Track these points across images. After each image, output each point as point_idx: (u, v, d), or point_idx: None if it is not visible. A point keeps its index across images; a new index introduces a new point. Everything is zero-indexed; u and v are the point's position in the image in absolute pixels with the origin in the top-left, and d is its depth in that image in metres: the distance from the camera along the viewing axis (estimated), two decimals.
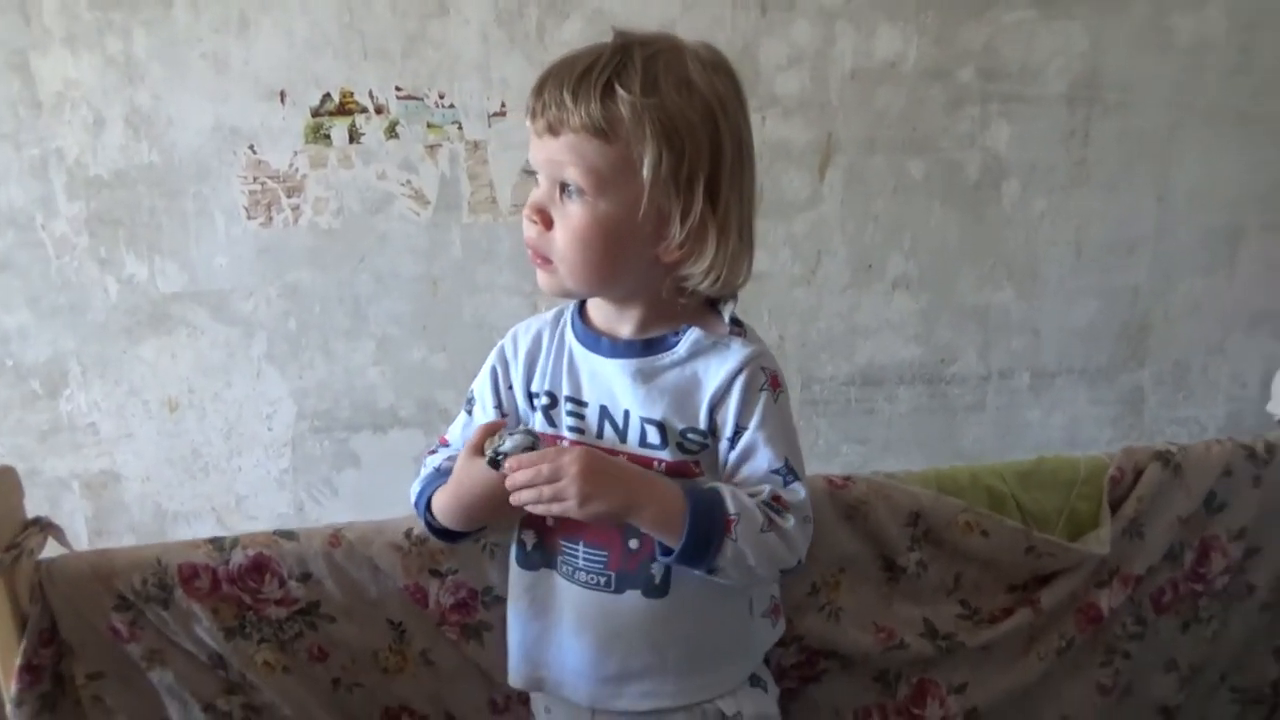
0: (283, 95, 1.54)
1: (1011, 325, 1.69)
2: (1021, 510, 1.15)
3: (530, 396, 0.97)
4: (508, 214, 1.59)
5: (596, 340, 0.94)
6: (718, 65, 0.88)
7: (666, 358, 0.91)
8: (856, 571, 1.14)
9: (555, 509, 0.87)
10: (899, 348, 1.68)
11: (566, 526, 0.94)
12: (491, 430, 0.92)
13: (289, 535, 1.04)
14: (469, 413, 1.02)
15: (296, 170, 1.56)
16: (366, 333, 1.62)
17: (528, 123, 0.88)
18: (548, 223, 0.88)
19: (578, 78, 0.84)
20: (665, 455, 0.91)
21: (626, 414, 0.92)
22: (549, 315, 0.99)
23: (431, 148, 1.57)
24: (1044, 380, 1.71)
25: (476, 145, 1.57)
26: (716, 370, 0.90)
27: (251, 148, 1.55)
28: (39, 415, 1.61)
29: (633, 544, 0.92)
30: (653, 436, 0.91)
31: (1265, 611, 1.27)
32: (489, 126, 1.56)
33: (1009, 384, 1.70)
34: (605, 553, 0.93)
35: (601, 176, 0.85)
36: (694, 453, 0.92)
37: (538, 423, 0.96)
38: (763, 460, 0.90)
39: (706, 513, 0.87)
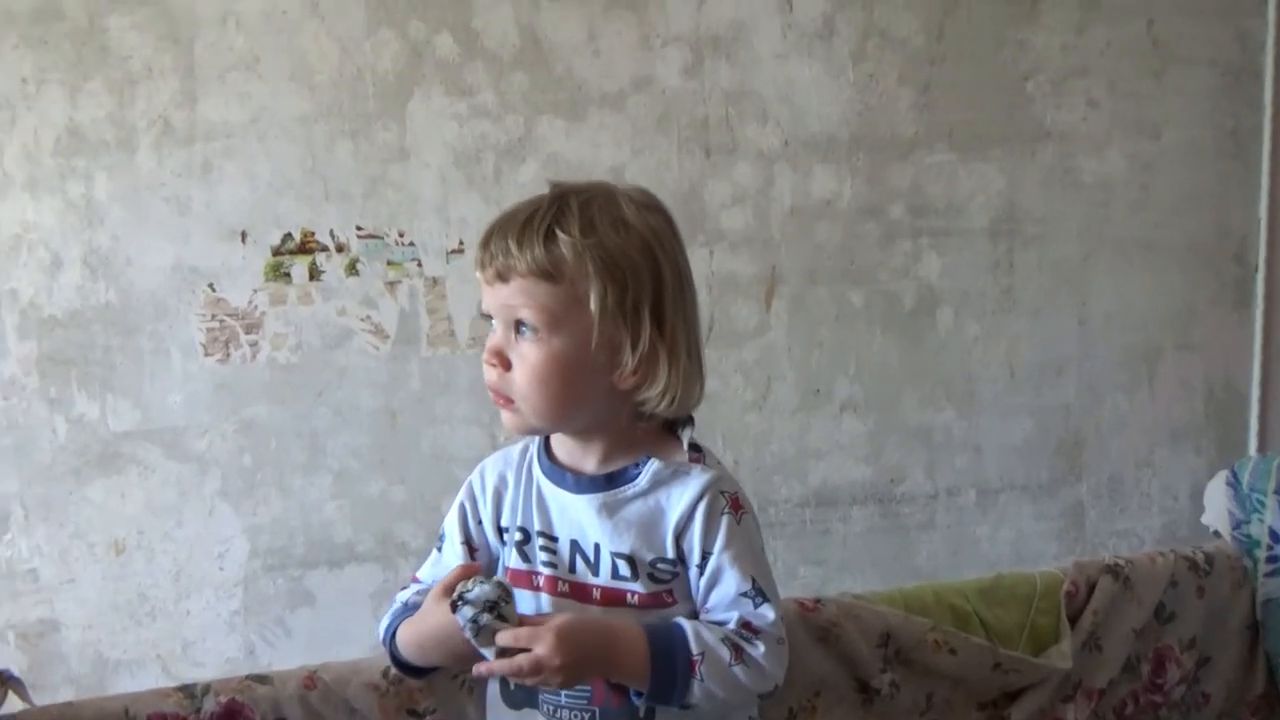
0: (244, 235, 1.56)
1: (954, 444, 1.76)
2: (985, 627, 1.19)
3: (500, 531, 0.99)
4: (465, 347, 1.62)
5: (562, 475, 0.97)
6: (649, 205, 0.95)
7: (629, 490, 0.94)
8: (832, 694, 1.16)
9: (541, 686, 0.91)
10: (850, 469, 1.73)
11: None
12: (466, 574, 0.92)
13: (262, 679, 1.02)
14: (439, 549, 1.03)
15: (255, 307, 1.58)
16: (324, 467, 1.61)
17: (477, 273, 0.94)
18: (506, 365, 0.92)
19: (520, 227, 0.90)
20: (638, 588, 0.93)
21: (597, 548, 0.94)
22: (515, 450, 1.02)
23: (391, 284, 1.61)
24: (989, 497, 1.77)
25: (435, 281, 1.62)
26: (678, 499, 0.93)
27: (211, 286, 1.56)
28: None
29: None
30: (624, 570, 0.93)
31: None
32: (447, 263, 1.61)
33: (956, 501, 1.76)
34: (588, 689, 0.93)
35: (553, 314, 0.90)
36: (666, 582, 0.94)
37: (512, 558, 0.97)
38: (730, 583, 0.92)
39: (668, 658, 0.89)
